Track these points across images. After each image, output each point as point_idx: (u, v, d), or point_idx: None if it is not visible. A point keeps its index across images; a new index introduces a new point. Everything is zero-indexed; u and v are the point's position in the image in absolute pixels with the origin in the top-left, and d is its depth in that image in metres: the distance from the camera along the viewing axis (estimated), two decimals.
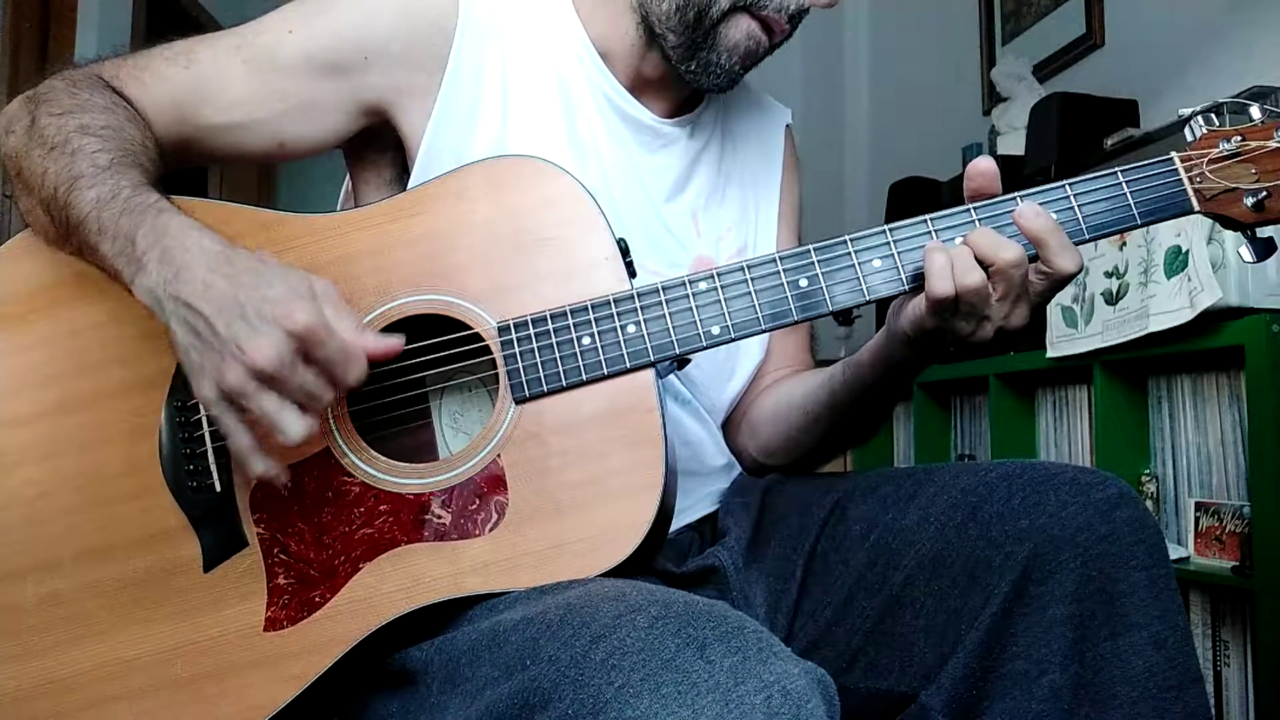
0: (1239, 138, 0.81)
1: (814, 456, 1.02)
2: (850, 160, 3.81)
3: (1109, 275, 1.81)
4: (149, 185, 0.80)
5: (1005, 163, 2.38)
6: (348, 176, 1.04)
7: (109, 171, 0.79)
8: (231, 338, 0.70)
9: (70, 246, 0.81)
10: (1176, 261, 1.62)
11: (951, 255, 0.78)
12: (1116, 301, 1.78)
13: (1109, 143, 2.01)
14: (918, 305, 0.81)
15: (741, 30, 0.92)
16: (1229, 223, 0.82)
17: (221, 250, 0.74)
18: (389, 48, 0.91)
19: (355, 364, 0.72)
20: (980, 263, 0.78)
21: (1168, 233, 1.65)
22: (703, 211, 1.02)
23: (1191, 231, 1.59)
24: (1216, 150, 0.81)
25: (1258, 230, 0.82)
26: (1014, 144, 2.48)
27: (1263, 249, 0.82)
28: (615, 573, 0.75)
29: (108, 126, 0.82)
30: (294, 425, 0.70)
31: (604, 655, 0.58)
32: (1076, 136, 2.13)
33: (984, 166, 0.82)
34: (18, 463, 0.80)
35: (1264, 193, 0.80)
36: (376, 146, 0.98)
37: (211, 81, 0.90)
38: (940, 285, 0.78)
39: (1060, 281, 0.80)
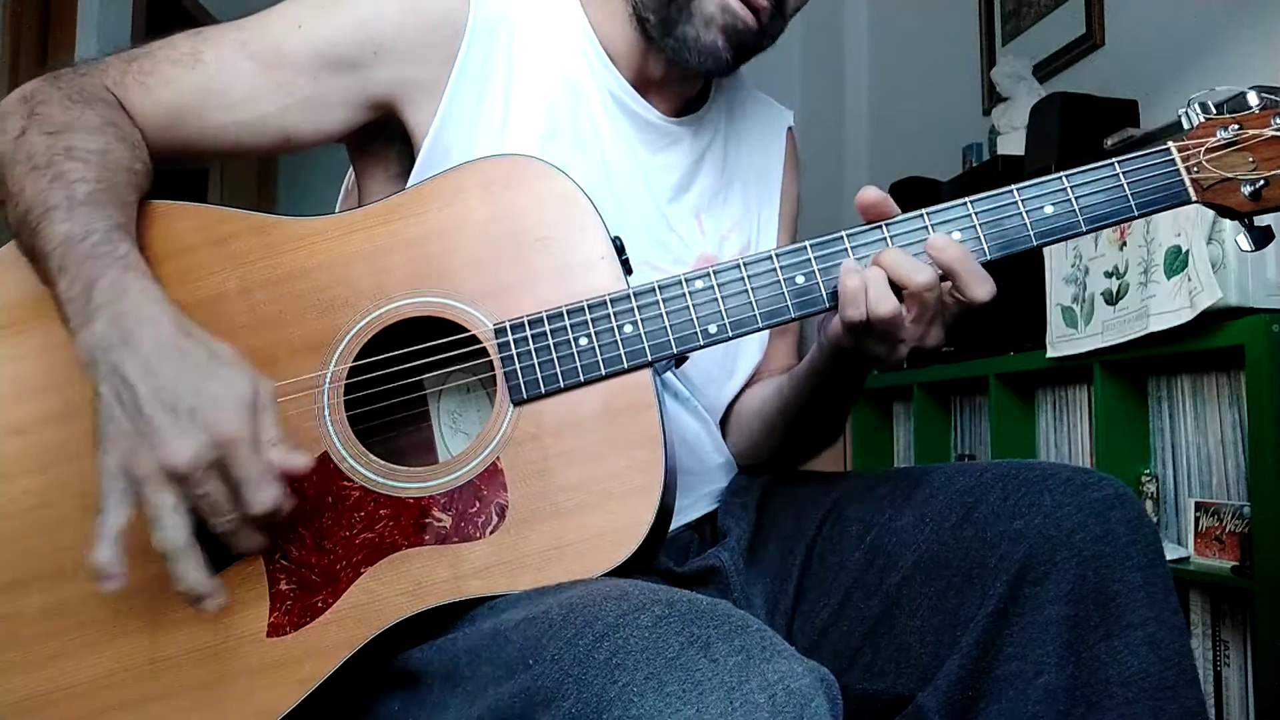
0: (1236, 126, 0.80)
1: (776, 459, 1.03)
2: (850, 160, 3.80)
3: (1109, 275, 1.81)
4: (123, 229, 0.77)
5: (1005, 163, 2.39)
6: (349, 172, 1.03)
7: (85, 206, 0.76)
8: (155, 427, 0.67)
9: (34, 267, 0.79)
10: (1176, 261, 1.62)
11: (866, 279, 0.78)
12: (1116, 301, 1.78)
13: (1109, 143, 2.01)
14: (836, 323, 0.82)
15: (714, 2, 0.91)
16: (1227, 212, 0.81)
17: (175, 331, 0.71)
18: (398, 43, 0.90)
19: (265, 491, 0.69)
20: (893, 285, 0.78)
21: (1168, 232, 1.65)
22: (706, 211, 1.02)
23: (1191, 231, 1.59)
24: (1214, 139, 0.80)
25: (1255, 219, 0.81)
26: (1014, 144, 2.48)
27: (1260, 237, 0.81)
28: (616, 573, 0.75)
29: (94, 150, 0.80)
30: (173, 534, 0.68)
31: (607, 654, 0.58)
32: (1076, 136, 2.12)
33: (871, 199, 0.81)
34: (17, 473, 0.80)
35: (1261, 181, 0.79)
36: (383, 139, 0.97)
37: (217, 80, 0.89)
38: (851, 312, 0.78)
39: (973, 308, 0.80)
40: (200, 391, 0.69)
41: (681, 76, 0.98)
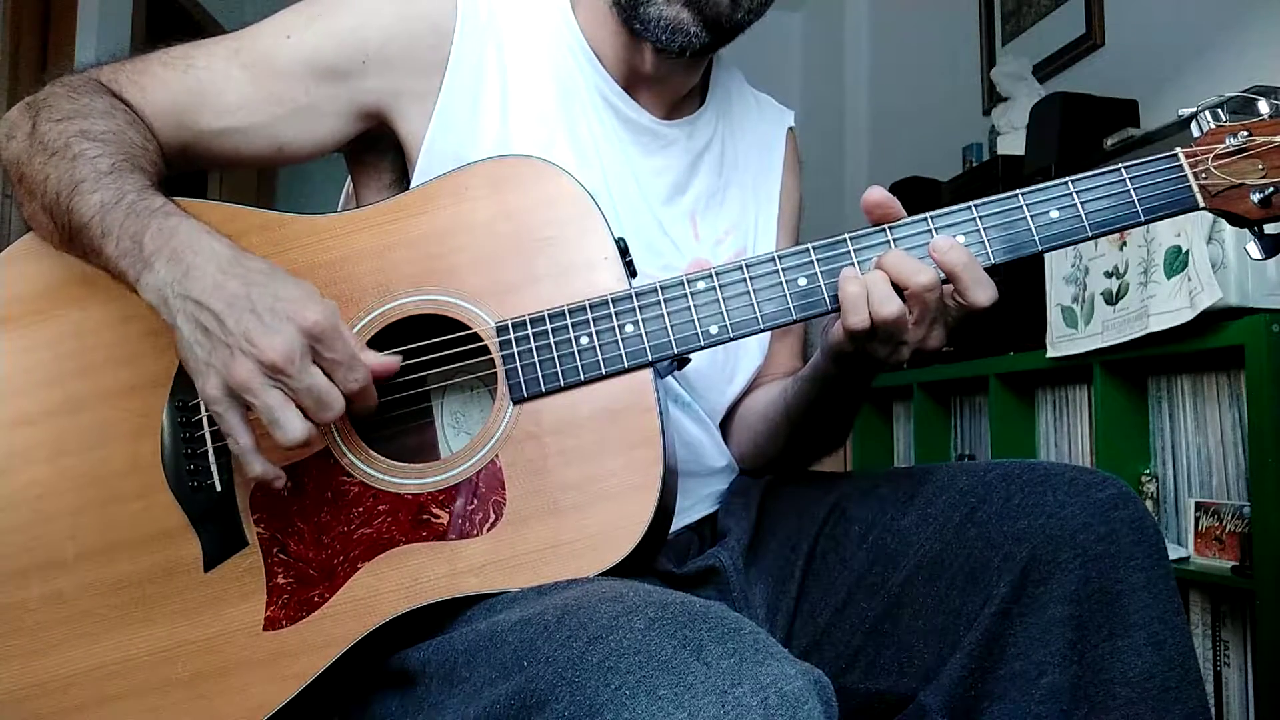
0: (1245, 133, 0.79)
1: (782, 462, 1.03)
2: (850, 160, 3.81)
3: (1109, 275, 1.81)
4: (153, 188, 0.80)
5: (1005, 163, 2.39)
6: (349, 178, 1.04)
7: (111, 176, 0.79)
8: (242, 332, 0.70)
9: (75, 250, 0.81)
10: (1176, 261, 1.62)
11: (867, 284, 0.78)
12: (1116, 301, 1.78)
13: (1109, 143, 2.01)
14: (838, 328, 0.81)
15: None
16: (1235, 219, 0.81)
17: (233, 253, 0.75)
18: (387, 51, 0.91)
19: (359, 370, 0.73)
20: (895, 286, 0.78)
21: (1168, 232, 1.65)
22: (701, 214, 1.01)
23: (1191, 231, 1.59)
24: (1223, 146, 0.79)
25: (1265, 227, 0.80)
26: (1014, 144, 2.49)
27: (1271, 245, 0.81)
28: (614, 573, 0.75)
29: (108, 131, 0.82)
30: (295, 425, 0.71)
31: (600, 656, 0.58)
32: (1076, 136, 2.13)
33: (876, 198, 0.81)
34: (23, 463, 0.81)
35: (1271, 188, 0.78)
36: (376, 150, 0.98)
37: (210, 86, 0.90)
38: (854, 319, 0.78)
39: (975, 313, 0.80)
40: (274, 293, 0.72)
41: (670, 71, 0.97)
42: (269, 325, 0.70)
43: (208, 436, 0.80)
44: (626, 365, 0.79)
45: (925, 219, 0.81)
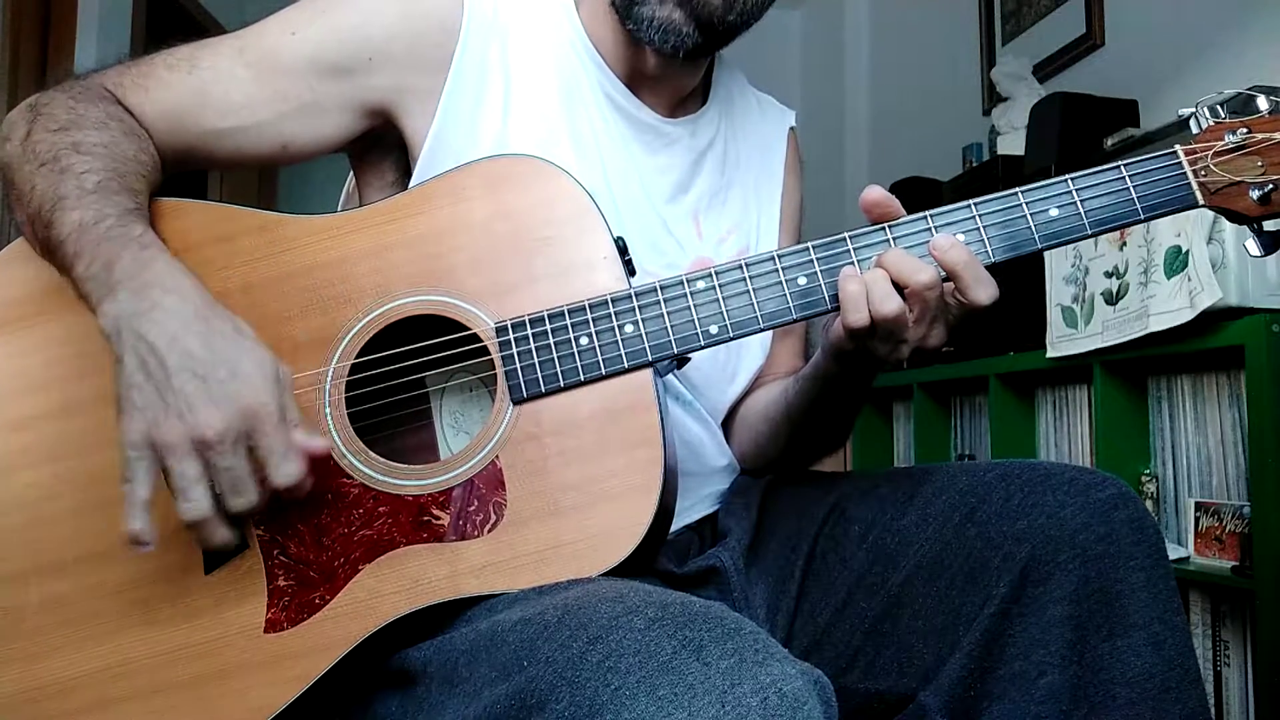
0: (1245, 129, 0.79)
1: (783, 462, 1.03)
2: (850, 160, 3.81)
3: (1109, 275, 1.81)
4: (136, 213, 0.78)
5: (1005, 163, 2.39)
6: (350, 176, 1.04)
7: (95, 195, 0.77)
8: (185, 396, 0.68)
9: (52, 262, 0.80)
10: (1176, 261, 1.62)
11: (867, 282, 0.78)
12: (1116, 301, 1.78)
13: (1109, 143, 2.01)
14: (838, 326, 0.81)
15: None
16: (1235, 216, 0.81)
17: (202, 305, 0.73)
18: (391, 48, 0.91)
19: (292, 464, 0.71)
20: (895, 285, 0.78)
21: (1168, 232, 1.65)
22: (704, 213, 1.01)
23: (1191, 231, 1.59)
24: (1222, 143, 0.79)
25: (1264, 223, 0.80)
26: (1014, 144, 2.49)
27: (1270, 242, 0.81)
28: (615, 573, 0.75)
29: (99, 143, 0.81)
30: (201, 503, 0.69)
31: (600, 657, 0.58)
32: (1076, 136, 2.13)
33: (875, 197, 0.81)
34: (20, 466, 0.80)
35: (1270, 185, 0.78)
36: (380, 148, 0.98)
37: (214, 86, 0.90)
38: (854, 317, 0.78)
39: (975, 311, 0.80)
40: (230, 363, 0.70)
41: (671, 70, 0.97)
42: (213, 398, 0.68)
43: None
44: (626, 365, 0.79)
45: (925, 217, 0.81)
